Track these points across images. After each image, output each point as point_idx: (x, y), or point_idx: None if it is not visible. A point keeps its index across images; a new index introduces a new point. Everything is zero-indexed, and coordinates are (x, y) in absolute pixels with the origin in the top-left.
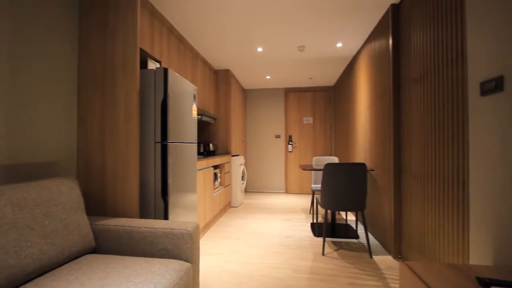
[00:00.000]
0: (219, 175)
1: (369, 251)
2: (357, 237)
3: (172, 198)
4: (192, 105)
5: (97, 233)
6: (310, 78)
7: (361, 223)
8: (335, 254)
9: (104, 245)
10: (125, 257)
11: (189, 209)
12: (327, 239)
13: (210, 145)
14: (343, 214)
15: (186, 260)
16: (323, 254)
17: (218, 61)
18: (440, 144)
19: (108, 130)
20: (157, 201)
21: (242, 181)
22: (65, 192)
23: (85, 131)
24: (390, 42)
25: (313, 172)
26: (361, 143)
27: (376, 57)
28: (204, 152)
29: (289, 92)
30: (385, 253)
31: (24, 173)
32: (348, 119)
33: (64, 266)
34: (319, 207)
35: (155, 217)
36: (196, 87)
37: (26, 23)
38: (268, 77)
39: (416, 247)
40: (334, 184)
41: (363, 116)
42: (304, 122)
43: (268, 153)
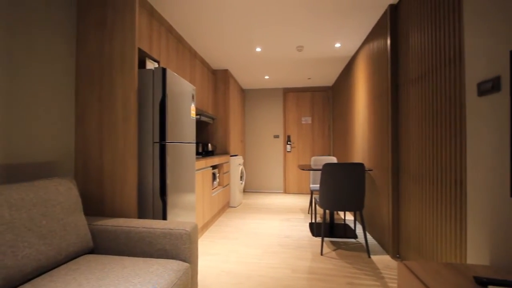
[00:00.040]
0: (217, 175)
1: (367, 250)
2: (355, 237)
3: (171, 198)
4: (191, 105)
5: (95, 233)
6: (309, 78)
7: (359, 223)
8: (333, 254)
9: (102, 246)
10: (123, 257)
11: (188, 209)
12: (325, 239)
13: (209, 145)
14: (341, 214)
15: (184, 260)
16: (321, 254)
17: (217, 61)
18: (438, 144)
19: (106, 130)
20: (156, 201)
21: (241, 181)
22: (63, 192)
23: (83, 131)
24: (388, 42)
25: (311, 172)
26: (360, 143)
27: (375, 57)
28: (203, 152)
29: (287, 92)
30: (383, 252)
31: (22, 173)
32: (346, 119)
33: (62, 267)
34: (317, 207)
35: (154, 217)
36: (195, 87)
37: (25, 23)
38: (266, 77)
39: (414, 247)
40: (333, 184)
41: (361, 116)
42: (303, 122)
43: (266, 153)
